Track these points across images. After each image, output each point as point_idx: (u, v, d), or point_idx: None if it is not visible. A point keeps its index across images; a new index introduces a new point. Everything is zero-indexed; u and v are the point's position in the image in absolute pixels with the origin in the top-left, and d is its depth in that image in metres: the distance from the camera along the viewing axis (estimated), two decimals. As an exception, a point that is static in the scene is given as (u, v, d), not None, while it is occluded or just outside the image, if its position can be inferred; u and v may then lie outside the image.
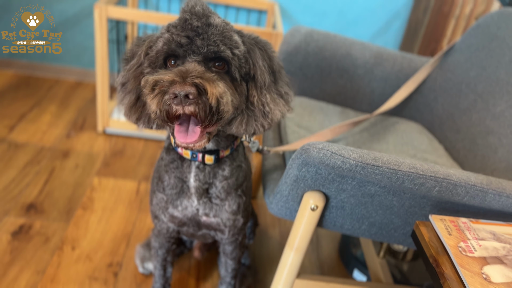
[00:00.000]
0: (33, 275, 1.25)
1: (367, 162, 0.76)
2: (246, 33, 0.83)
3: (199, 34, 0.74)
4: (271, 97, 0.81)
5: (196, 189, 0.91)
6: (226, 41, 0.75)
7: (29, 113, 2.06)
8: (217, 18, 0.76)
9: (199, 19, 0.74)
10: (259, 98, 0.80)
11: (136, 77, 0.80)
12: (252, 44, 0.81)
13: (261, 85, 0.80)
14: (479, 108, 1.21)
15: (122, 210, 1.55)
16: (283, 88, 0.85)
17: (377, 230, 0.95)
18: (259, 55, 0.81)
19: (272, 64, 0.84)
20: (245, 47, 0.79)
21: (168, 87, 0.69)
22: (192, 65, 0.73)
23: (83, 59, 2.44)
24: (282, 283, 0.95)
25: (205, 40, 0.74)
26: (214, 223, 0.97)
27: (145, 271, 1.31)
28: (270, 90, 0.82)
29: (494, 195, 0.80)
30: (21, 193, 1.55)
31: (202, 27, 0.74)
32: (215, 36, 0.74)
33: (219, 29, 0.75)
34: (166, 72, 0.72)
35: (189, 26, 0.74)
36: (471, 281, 0.65)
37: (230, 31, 0.77)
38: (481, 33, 1.29)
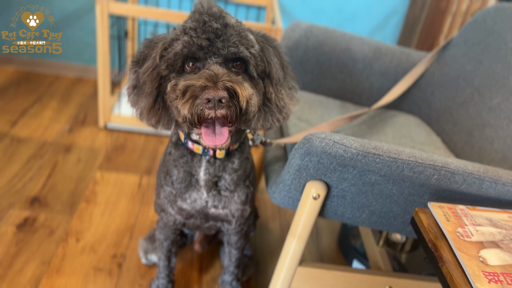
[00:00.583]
0: (39, 266, 1.27)
1: (368, 151, 0.79)
2: (254, 30, 0.85)
3: (219, 36, 0.75)
4: (286, 93, 0.85)
5: (205, 182, 0.93)
6: (243, 41, 0.77)
7: (30, 108, 2.07)
8: (231, 18, 0.78)
9: (217, 21, 0.76)
10: (276, 94, 0.84)
11: (153, 80, 0.80)
12: (263, 41, 0.84)
13: (276, 81, 0.84)
14: (475, 101, 1.24)
15: (124, 204, 1.57)
16: (290, 82, 0.89)
17: (377, 218, 0.97)
18: (272, 52, 0.84)
19: (282, 60, 0.87)
20: (259, 46, 0.81)
21: (200, 92, 0.70)
22: (215, 67, 0.74)
23: (84, 55, 2.45)
24: (285, 270, 0.98)
25: (225, 42, 0.75)
26: (223, 215, 0.99)
27: (148, 262, 1.33)
28: (284, 85, 0.86)
29: (491, 183, 0.83)
30: (25, 187, 1.57)
31: (221, 28, 0.76)
32: (234, 37, 0.76)
33: (236, 30, 0.77)
34: (196, 77, 0.73)
35: (209, 28, 0.75)
36: (469, 263, 0.68)
37: (245, 30, 0.79)
38: (478, 28, 1.32)
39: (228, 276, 1.19)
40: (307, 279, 1.02)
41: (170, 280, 1.18)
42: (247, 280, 1.35)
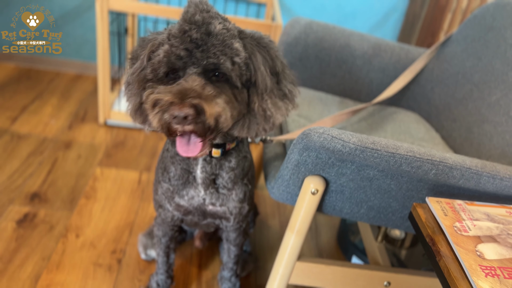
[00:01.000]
0: (39, 261, 1.28)
1: (366, 145, 0.79)
2: (248, 32, 0.83)
3: (199, 46, 0.73)
4: (272, 102, 0.81)
5: (203, 180, 0.93)
6: (227, 51, 0.75)
7: (30, 105, 2.08)
8: (218, 25, 0.75)
9: (199, 29, 0.74)
10: (259, 104, 0.80)
11: (140, 81, 0.80)
12: (254, 47, 0.81)
13: (262, 90, 0.80)
14: (475, 98, 1.24)
15: (124, 200, 1.58)
16: (287, 87, 0.85)
17: (376, 214, 0.98)
18: (261, 59, 0.80)
19: (275, 65, 0.83)
20: (246, 53, 0.78)
21: (168, 107, 0.70)
22: (191, 79, 0.73)
23: (83, 52, 2.45)
24: (283, 265, 0.98)
25: (205, 52, 0.73)
26: (220, 212, 1.00)
27: (148, 258, 1.34)
28: (271, 94, 0.81)
29: (488, 178, 0.83)
30: (25, 183, 1.57)
31: (201, 37, 0.74)
32: (215, 47, 0.74)
33: (219, 38, 0.74)
34: (165, 91, 0.72)
35: (188, 38, 0.73)
36: (466, 257, 0.68)
37: (231, 38, 0.76)
38: (477, 24, 1.32)
39: (227, 272, 1.19)
40: (305, 274, 1.02)
41: (169, 275, 1.18)
42: (247, 276, 1.35)
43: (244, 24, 1.78)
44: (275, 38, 1.78)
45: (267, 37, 0.84)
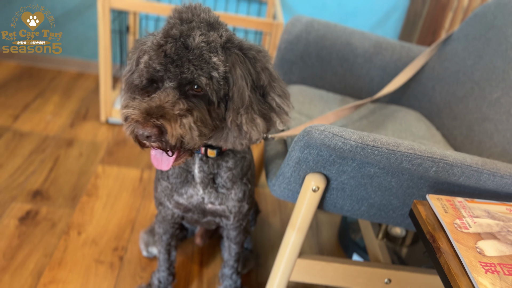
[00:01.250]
0: (41, 258, 1.29)
1: (367, 143, 0.79)
2: (237, 43, 0.80)
3: (173, 61, 0.73)
4: (247, 118, 0.78)
5: (201, 180, 0.94)
6: (203, 65, 0.74)
7: (32, 103, 2.08)
8: (198, 37, 0.74)
9: (175, 43, 0.73)
10: (233, 119, 0.78)
11: (129, 85, 0.82)
12: (237, 59, 0.78)
13: (237, 106, 0.78)
14: (475, 96, 1.25)
15: (126, 197, 1.58)
16: (275, 100, 0.82)
17: (376, 211, 0.98)
18: (240, 74, 0.78)
19: (260, 78, 0.80)
20: (225, 67, 0.77)
21: (134, 124, 0.72)
22: (164, 94, 0.73)
23: (85, 50, 2.46)
24: (284, 261, 0.99)
25: (179, 68, 0.73)
26: (220, 210, 1.00)
27: (149, 255, 1.34)
28: (249, 109, 0.78)
29: (489, 175, 0.83)
30: (27, 180, 1.58)
31: (176, 52, 0.73)
32: (190, 62, 0.73)
33: (195, 53, 0.73)
34: (135, 107, 0.73)
35: (163, 53, 0.73)
36: (466, 254, 0.69)
37: (211, 51, 0.75)
38: (479, 23, 1.32)
39: (228, 270, 1.20)
40: (306, 271, 1.02)
41: (170, 272, 1.19)
42: (248, 273, 1.36)
43: (245, 23, 1.79)
44: (276, 37, 1.79)
45: (256, 48, 0.82)
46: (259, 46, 0.83)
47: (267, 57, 0.83)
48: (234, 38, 0.81)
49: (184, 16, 0.77)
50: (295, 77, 1.44)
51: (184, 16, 0.76)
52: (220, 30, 0.79)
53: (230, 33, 0.81)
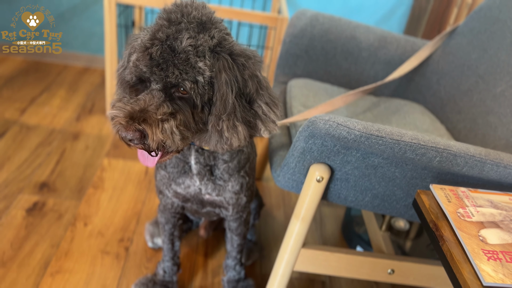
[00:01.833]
0: (48, 248, 1.30)
1: (371, 132, 0.80)
2: (227, 47, 0.79)
3: (159, 64, 0.73)
4: (229, 124, 0.78)
5: (198, 171, 0.95)
6: (188, 70, 0.74)
7: (39, 97, 2.10)
8: (186, 40, 0.74)
9: (161, 46, 0.73)
10: (214, 124, 0.79)
11: (122, 81, 0.83)
12: (224, 65, 0.77)
13: (219, 112, 0.78)
14: (480, 89, 1.25)
15: (131, 190, 1.60)
16: (261, 107, 0.82)
17: (380, 202, 0.99)
18: (226, 80, 0.77)
19: (246, 85, 0.80)
20: (211, 72, 0.76)
21: (118, 126, 0.73)
22: (149, 96, 0.75)
23: (91, 45, 2.47)
24: (289, 251, 1.00)
25: (164, 71, 0.73)
26: (218, 201, 1.02)
27: (155, 246, 1.36)
28: (230, 116, 0.78)
29: (492, 166, 0.84)
30: (34, 173, 1.60)
31: (162, 55, 0.73)
32: (175, 66, 0.73)
33: (182, 57, 0.73)
34: (121, 108, 0.74)
35: (148, 56, 0.73)
36: (468, 242, 0.70)
37: (197, 55, 0.75)
38: (483, 16, 1.32)
39: (231, 261, 1.21)
40: (310, 261, 1.03)
41: (175, 263, 1.20)
42: (252, 265, 1.37)
43: (250, 17, 1.79)
44: (281, 31, 1.79)
45: (247, 54, 0.81)
46: (250, 52, 0.82)
47: (258, 64, 0.82)
48: (225, 41, 0.79)
49: (172, 16, 0.76)
50: (300, 70, 1.45)
51: (173, 17, 0.76)
52: (212, 30, 0.78)
53: (223, 33, 0.79)
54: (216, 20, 0.80)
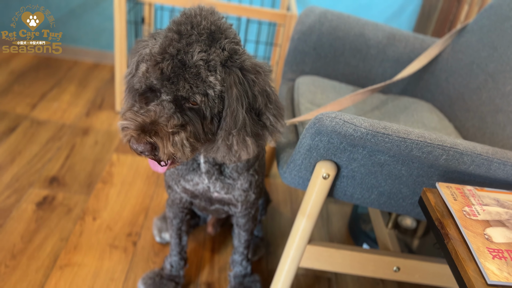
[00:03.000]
0: (57, 242, 1.32)
1: (377, 130, 0.80)
2: (238, 62, 0.78)
3: (169, 79, 0.73)
4: (239, 139, 0.79)
5: (206, 170, 0.96)
6: (199, 84, 0.74)
7: (49, 92, 2.13)
8: (197, 54, 0.73)
9: (172, 60, 0.73)
10: (224, 138, 0.80)
11: (130, 88, 0.83)
12: (235, 80, 0.77)
13: (230, 127, 0.79)
14: (489, 88, 1.24)
15: (140, 185, 1.61)
16: (269, 120, 0.83)
17: (386, 199, 0.99)
18: (237, 96, 0.77)
19: (256, 101, 0.80)
20: (222, 87, 0.76)
21: (129, 138, 0.75)
22: (160, 108, 0.75)
23: (101, 41, 2.49)
24: (294, 247, 1.00)
25: (175, 85, 0.73)
26: (226, 199, 1.03)
27: (162, 241, 1.37)
28: (240, 132, 0.79)
29: (499, 164, 0.84)
30: (44, 167, 1.62)
31: (173, 70, 0.73)
32: (186, 81, 0.73)
33: (192, 71, 0.73)
34: (132, 119, 0.75)
35: (159, 70, 0.73)
36: (474, 240, 0.70)
37: (209, 69, 0.75)
38: (494, 14, 1.31)
39: (238, 256, 1.22)
40: (316, 257, 1.04)
41: (182, 257, 1.21)
42: (258, 260, 1.38)
43: (259, 14, 1.80)
44: (290, 28, 1.80)
45: (257, 69, 0.81)
46: (260, 67, 0.81)
47: (267, 79, 0.82)
48: (236, 54, 0.79)
49: (182, 29, 0.75)
50: (308, 67, 1.45)
51: (183, 29, 0.75)
52: (222, 41, 0.77)
53: (233, 45, 0.79)
54: (225, 27, 0.79)
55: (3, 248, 1.27)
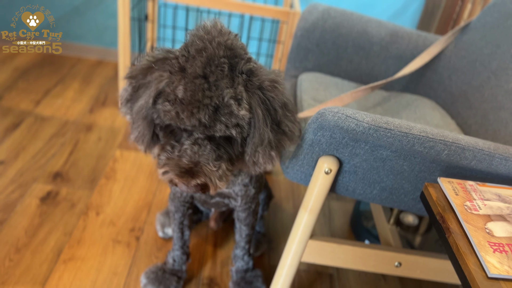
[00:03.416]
0: (61, 236, 1.33)
1: (379, 125, 0.81)
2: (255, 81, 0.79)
3: (206, 127, 0.74)
4: (263, 154, 0.82)
5: None
6: (233, 120, 0.75)
7: (53, 89, 2.14)
8: (227, 96, 0.74)
9: (207, 108, 0.72)
10: (251, 156, 0.82)
11: (145, 119, 0.80)
12: (257, 102, 0.78)
13: (256, 146, 0.80)
14: (492, 85, 1.24)
15: (143, 181, 1.62)
16: (287, 126, 0.84)
17: (388, 195, 0.99)
18: (262, 117, 0.79)
19: (277, 113, 0.82)
20: (250, 113, 0.77)
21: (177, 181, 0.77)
22: (196, 148, 0.76)
23: (104, 38, 2.50)
24: (296, 242, 1.01)
25: (211, 129, 0.74)
26: (226, 192, 1.04)
27: (165, 236, 1.38)
28: (266, 148, 0.81)
29: (501, 160, 0.84)
30: (48, 163, 1.63)
31: (210, 117, 0.73)
32: (222, 123, 0.74)
33: (226, 112, 0.74)
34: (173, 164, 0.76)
35: (197, 121, 0.73)
36: (475, 234, 0.70)
37: (239, 103, 0.75)
38: (497, 11, 1.31)
39: (239, 251, 1.23)
40: (317, 252, 1.05)
41: (184, 252, 1.22)
42: (260, 256, 1.39)
43: (263, 11, 1.80)
44: (293, 26, 1.80)
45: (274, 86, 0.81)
46: (276, 81, 0.81)
47: (284, 91, 0.83)
48: (253, 73, 0.79)
49: (207, 71, 0.74)
50: (311, 64, 1.45)
51: (207, 72, 0.74)
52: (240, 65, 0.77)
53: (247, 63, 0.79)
54: (236, 45, 0.79)
55: (7, 242, 1.28)
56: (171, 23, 2.34)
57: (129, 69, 0.83)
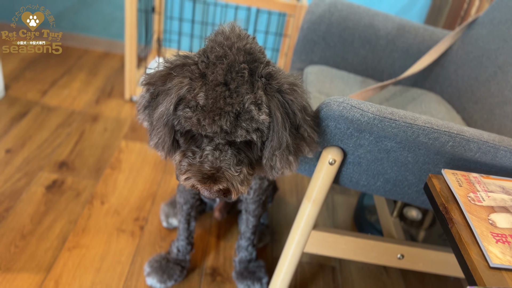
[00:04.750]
0: (66, 224, 1.34)
1: (384, 115, 0.81)
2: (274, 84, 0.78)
3: (228, 133, 0.74)
4: (282, 158, 0.81)
5: None
6: (253, 125, 0.75)
7: (60, 79, 2.15)
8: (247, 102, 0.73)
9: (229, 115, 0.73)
10: (268, 159, 0.81)
11: (165, 125, 0.80)
12: (277, 106, 0.78)
13: (274, 149, 0.80)
14: (498, 80, 1.24)
15: (148, 171, 1.63)
16: (307, 131, 0.83)
17: (392, 187, 1.00)
18: (281, 121, 0.78)
19: (296, 118, 0.81)
20: (270, 117, 0.77)
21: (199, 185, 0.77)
22: (217, 153, 0.77)
23: (111, 30, 2.51)
24: (299, 232, 1.01)
25: (232, 134, 0.75)
26: None
27: (169, 226, 1.39)
28: (284, 152, 0.81)
29: (506, 152, 0.84)
30: (54, 152, 1.64)
31: (231, 123, 0.73)
32: (243, 128, 0.74)
33: (246, 117, 0.74)
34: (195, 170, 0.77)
35: (219, 128, 0.73)
36: (478, 225, 0.70)
37: (260, 108, 0.75)
38: (505, 6, 1.31)
39: (244, 242, 1.23)
40: (320, 243, 1.05)
41: (189, 242, 1.23)
42: (263, 247, 1.39)
43: (269, 4, 1.80)
44: (299, 19, 1.80)
45: (293, 89, 0.80)
46: (295, 84, 0.81)
47: (303, 94, 0.83)
48: (272, 77, 0.78)
49: (228, 79, 0.74)
50: (317, 57, 1.45)
51: (228, 79, 0.74)
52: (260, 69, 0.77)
53: (266, 66, 0.79)
54: (255, 48, 0.79)
55: (13, 229, 1.29)
56: (178, 15, 2.35)
57: (146, 75, 0.82)
